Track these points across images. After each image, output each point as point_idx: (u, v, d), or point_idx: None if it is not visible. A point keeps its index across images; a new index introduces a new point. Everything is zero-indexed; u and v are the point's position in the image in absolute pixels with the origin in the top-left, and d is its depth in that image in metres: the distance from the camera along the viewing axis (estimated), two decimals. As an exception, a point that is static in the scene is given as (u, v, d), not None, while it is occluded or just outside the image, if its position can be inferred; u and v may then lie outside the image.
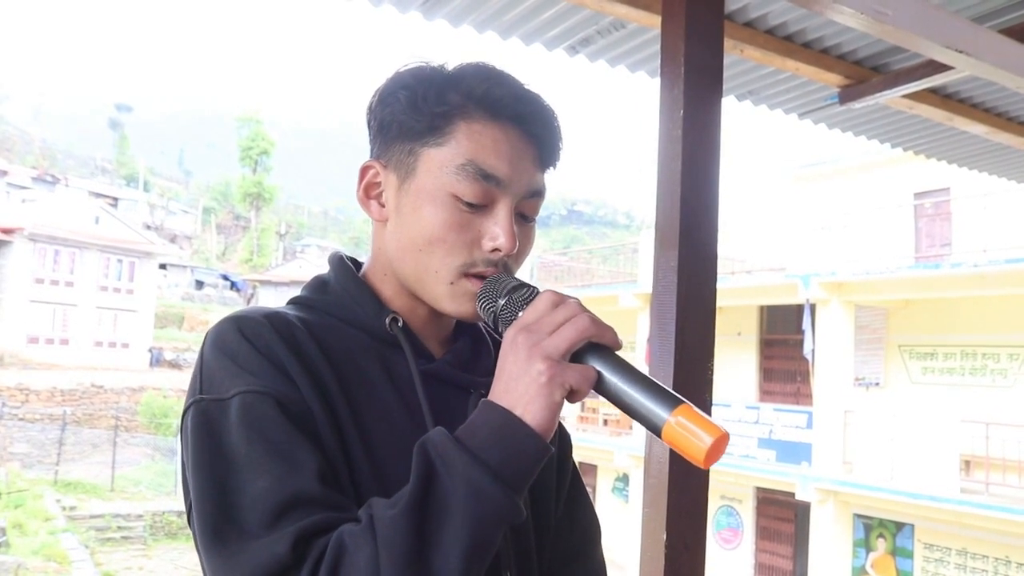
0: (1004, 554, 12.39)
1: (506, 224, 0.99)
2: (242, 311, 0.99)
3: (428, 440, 0.84)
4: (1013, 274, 11.79)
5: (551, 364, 0.84)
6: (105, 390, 30.87)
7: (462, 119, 0.99)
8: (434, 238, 0.99)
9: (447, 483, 0.80)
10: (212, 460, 0.87)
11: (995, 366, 13.34)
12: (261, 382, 0.90)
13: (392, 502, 0.80)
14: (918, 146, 4.59)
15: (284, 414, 0.88)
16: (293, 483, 0.83)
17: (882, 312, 14.74)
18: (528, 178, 1.01)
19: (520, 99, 1.01)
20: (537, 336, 0.85)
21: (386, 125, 1.03)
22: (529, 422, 0.83)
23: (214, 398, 0.90)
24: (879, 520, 14.02)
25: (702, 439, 0.80)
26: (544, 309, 0.88)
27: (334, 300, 1.06)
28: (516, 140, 1.00)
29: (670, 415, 0.81)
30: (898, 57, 3.43)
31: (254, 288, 50.87)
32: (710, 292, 2.25)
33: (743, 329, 16.49)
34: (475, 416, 0.86)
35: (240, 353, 0.92)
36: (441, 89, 0.99)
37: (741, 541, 16.38)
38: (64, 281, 35.90)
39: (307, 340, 0.97)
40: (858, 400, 14.21)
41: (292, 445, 0.87)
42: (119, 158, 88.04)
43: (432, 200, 0.99)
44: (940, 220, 15.36)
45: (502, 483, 0.80)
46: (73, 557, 18.16)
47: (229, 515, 0.83)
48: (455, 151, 0.98)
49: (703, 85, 2.28)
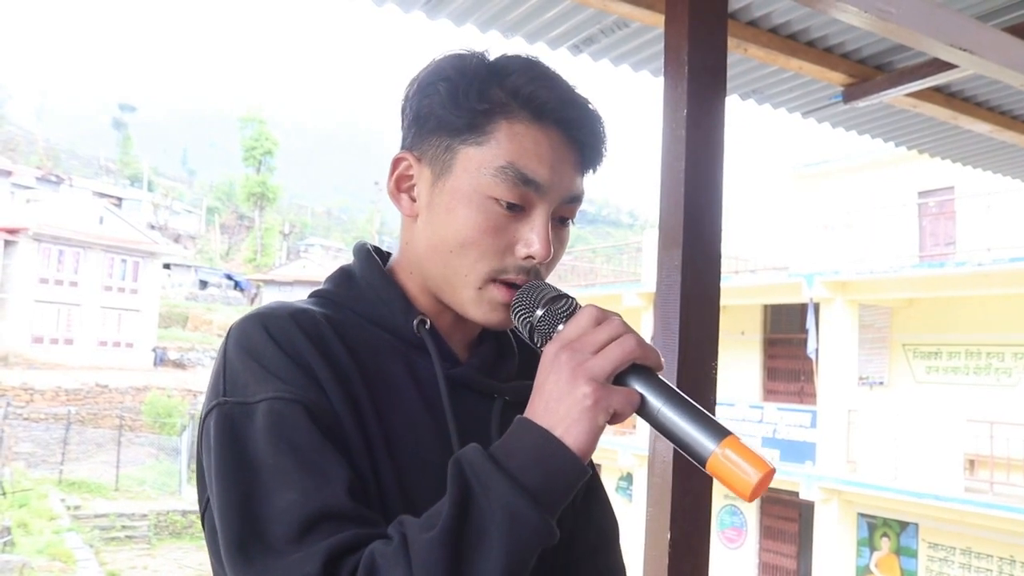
0: (1009, 553, 12.38)
1: (542, 231, 0.95)
2: (267, 308, 0.95)
3: (463, 457, 0.81)
4: (1017, 273, 11.77)
5: (596, 387, 0.81)
6: (109, 390, 30.91)
7: (504, 118, 0.94)
8: (467, 241, 0.95)
9: (484, 506, 0.77)
10: (237, 468, 0.84)
11: (999, 365, 13.31)
12: (289, 388, 0.87)
13: (426, 523, 0.77)
14: (922, 145, 4.59)
15: (313, 423, 0.85)
16: (322, 497, 0.81)
17: (886, 311, 14.73)
18: (568, 183, 0.98)
19: (566, 103, 0.97)
20: (581, 355, 0.82)
21: (422, 117, 0.99)
22: (570, 445, 0.80)
23: (239, 401, 0.87)
24: (883, 519, 14.01)
25: (749, 474, 0.78)
26: (587, 325, 0.85)
27: (360, 296, 1.03)
28: (559, 144, 0.96)
29: (717, 447, 0.79)
30: (902, 56, 3.43)
31: (258, 288, 50.94)
32: (714, 291, 2.24)
33: (747, 328, 16.48)
34: (512, 435, 0.83)
35: (267, 354, 0.89)
36: (484, 84, 0.95)
37: (745, 540, 16.36)
38: (68, 281, 35.95)
39: (334, 340, 0.93)
40: (862, 399, 14.20)
41: (321, 456, 0.84)
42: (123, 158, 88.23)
43: (468, 201, 0.95)
44: (944, 219, 15.35)
45: (540, 508, 0.78)
46: (78, 556, 18.20)
47: (255, 528, 0.81)
48: (495, 152, 0.94)
49: (706, 84, 2.28)
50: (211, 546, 0.94)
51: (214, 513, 0.85)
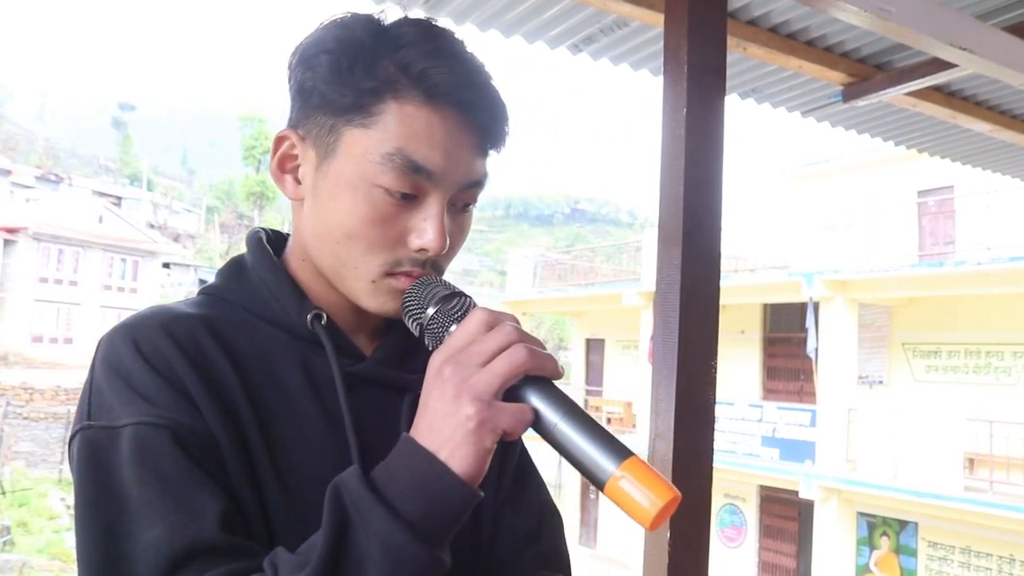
0: (1008, 552, 12.39)
1: (436, 221, 0.86)
2: (138, 317, 0.86)
3: (342, 484, 0.73)
4: (1017, 272, 11.77)
5: (481, 407, 0.73)
6: (109, 389, 30.92)
7: (393, 98, 0.84)
8: (353, 232, 0.86)
9: (363, 541, 0.70)
10: (100, 501, 0.76)
11: (999, 364, 13.32)
12: (157, 410, 0.78)
13: (301, 561, 0.70)
14: (921, 144, 4.59)
15: (182, 449, 0.77)
16: (190, 531, 0.73)
17: (886, 310, 14.73)
18: (466, 168, 0.88)
19: (463, 83, 0.86)
20: (466, 370, 0.74)
21: (305, 91, 0.88)
22: (456, 469, 0.72)
23: (104, 425, 0.78)
24: (883, 518, 14.02)
25: (649, 501, 0.69)
26: (476, 331, 0.77)
27: (250, 292, 0.93)
28: (454, 127, 0.86)
29: (616, 469, 0.71)
30: (901, 55, 3.43)
31: (257, 287, 50.87)
32: (713, 290, 2.24)
33: (746, 327, 16.48)
34: (395, 457, 0.75)
35: (133, 372, 0.80)
36: (371, 58, 0.85)
37: (745, 539, 16.37)
38: (68, 280, 35.99)
39: (213, 349, 0.84)
40: (862, 398, 14.21)
41: (190, 487, 0.76)
42: (122, 157, 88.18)
43: (352, 189, 0.85)
44: (944, 218, 15.35)
45: (423, 541, 0.71)
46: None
47: (117, 568, 0.73)
48: (382, 136, 0.84)
49: (706, 83, 2.28)
50: None
51: (76, 550, 0.78)
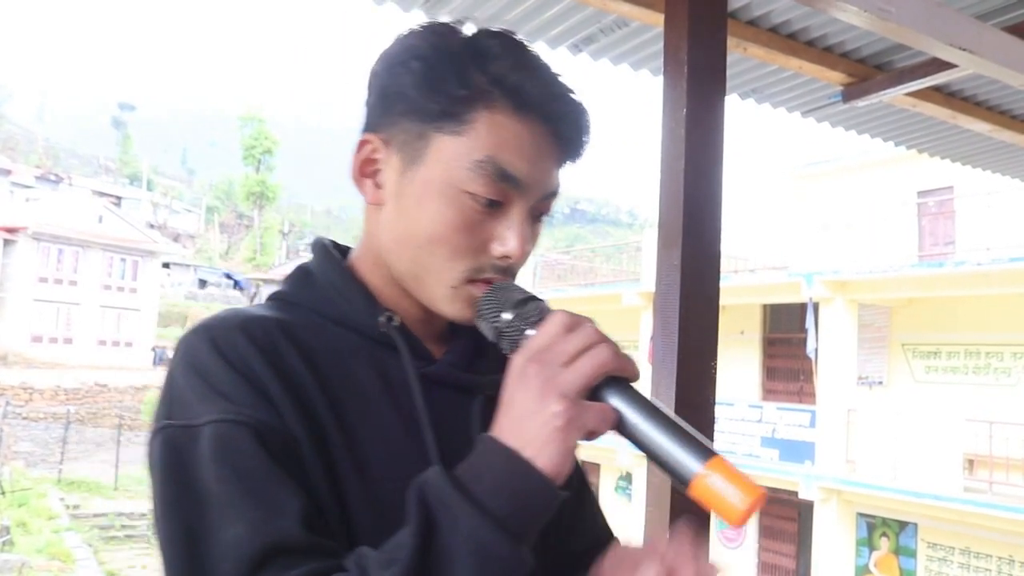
0: (1008, 553, 12.38)
1: (519, 229, 0.89)
2: (216, 319, 0.87)
3: (425, 483, 0.74)
4: (1017, 272, 11.77)
5: (568, 405, 0.73)
6: (109, 389, 30.93)
7: (485, 107, 0.87)
8: (438, 237, 0.88)
9: (449, 539, 0.70)
10: (180, 500, 0.77)
11: (999, 365, 13.31)
12: (236, 408, 0.79)
13: (386, 559, 0.70)
14: (921, 144, 4.59)
15: (263, 447, 0.77)
16: (272, 529, 0.73)
17: (885, 311, 14.73)
18: (547, 179, 0.91)
19: (552, 95, 0.89)
20: (551, 369, 0.75)
21: (391, 96, 0.90)
22: (541, 467, 0.73)
23: (183, 424, 0.79)
24: (882, 519, 14.01)
25: (737, 499, 0.71)
26: (557, 333, 0.77)
27: (320, 295, 0.95)
28: (540, 138, 0.89)
29: (702, 468, 0.73)
30: (901, 55, 3.43)
31: (257, 287, 50.89)
32: (713, 290, 2.24)
33: (746, 328, 16.47)
34: (479, 456, 0.76)
35: (213, 371, 0.81)
36: (464, 68, 0.87)
37: (744, 540, 16.36)
38: (68, 280, 36.00)
39: (289, 350, 0.85)
40: (861, 399, 14.20)
41: (271, 484, 0.76)
42: (122, 157, 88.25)
43: (440, 195, 0.87)
44: (943, 218, 15.35)
45: (509, 539, 0.71)
46: (77, 555, 18.18)
47: (200, 566, 0.74)
48: (473, 144, 0.86)
49: (706, 83, 2.28)
50: None
51: (159, 547, 0.79)
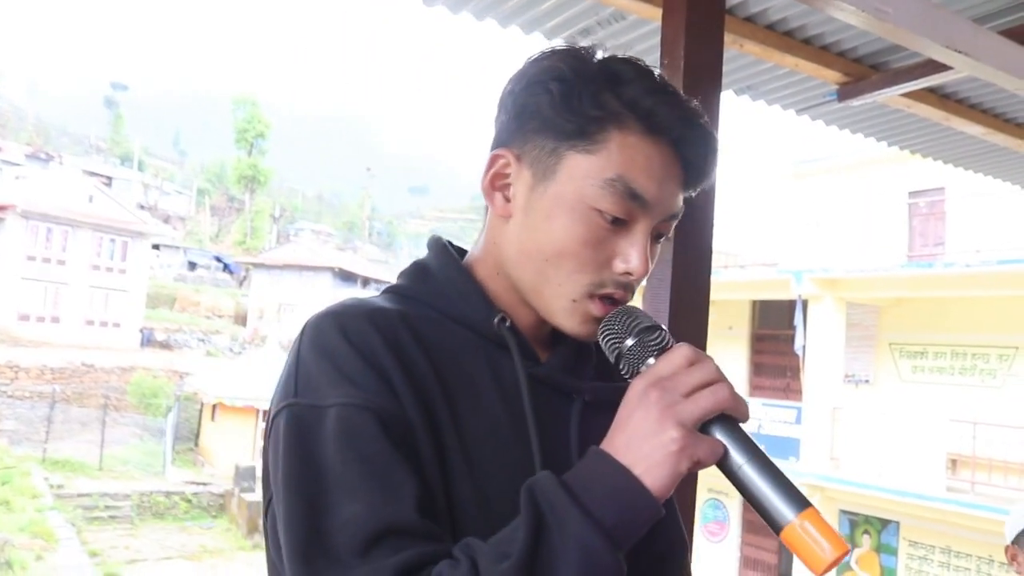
0: (988, 553, 12.47)
1: (642, 248, 0.93)
2: (343, 306, 0.92)
3: (536, 485, 0.78)
4: (1005, 275, 11.82)
5: (685, 433, 0.78)
6: (95, 369, 30.81)
7: (617, 128, 0.91)
8: (566, 251, 0.92)
9: (558, 540, 0.75)
10: (304, 475, 0.81)
11: (984, 366, 13.39)
12: (362, 393, 0.84)
13: (498, 554, 0.75)
14: (915, 145, 4.60)
15: (384, 432, 0.82)
16: (388, 511, 0.78)
17: (874, 310, 14.79)
18: (672, 201, 0.95)
19: (683, 120, 0.93)
20: (671, 396, 0.80)
21: (527, 114, 0.94)
22: (649, 486, 0.78)
23: (311, 404, 0.84)
24: (865, 516, 14.10)
25: (826, 551, 0.76)
26: (680, 365, 0.83)
27: (437, 291, 0.99)
28: (669, 161, 0.93)
29: (796, 517, 0.78)
30: (897, 56, 3.43)
31: (247, 271, 50.79)
32: (704, 285, 2.25)
33: (734, 323, 16.52)
34: (588, 467, 0.81)
35: (341, 357, 0.86)
36: (599, 90, 0.91)
37: (727, 534, 16.44)
38: (56, 259, 35.78)
39: (411, 342, 0.90)
40: (847, 397, 14.27)
41: (391, 468, 0.81)
42: (114, 137, 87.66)
43: (571, 210, 0.91)
44: (934, 219, 15.41)
45: (613, 547, 0.76)
46: (60, 535, 18.18)
47: (318, 539, 0.78)
48: (605, 162, 0.90)
49: (702, 78, 2.28)
50: (272, 544, 0.92)
51: (277, 518, 0.83)
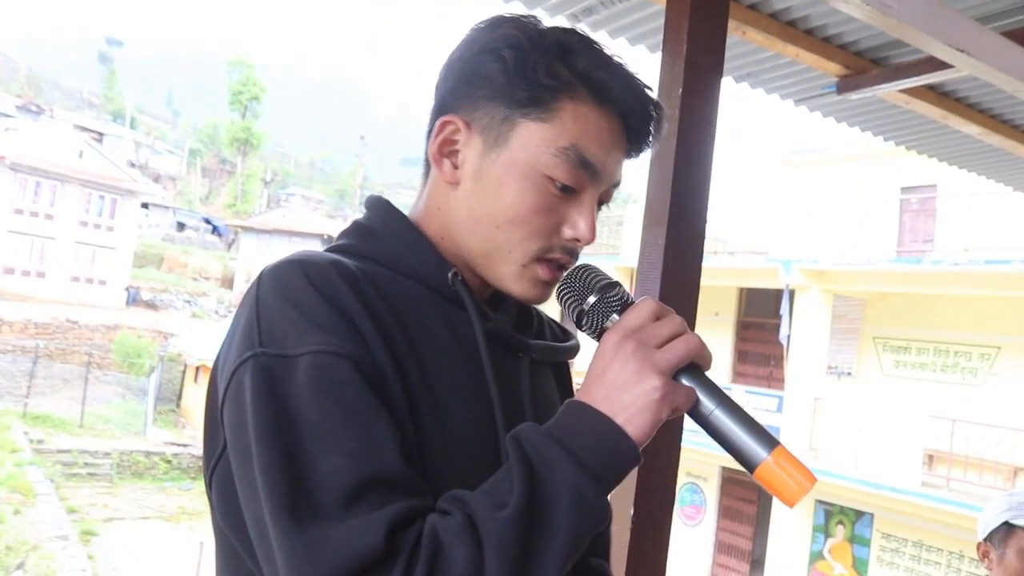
0: (959, 548, 12.62)
1: (590, 215, 0.96)
2: (303, 254, 0.89)
3: (523, 436, 0.80)
4: (992, 275, 11.90)
5: (665, 382, 0.81)
6: (79, 326, 30.70)
7: (570, 98, 0.92)
8: (518, 218, 0.93)
9: (551, 490, 0.76)
10: (279, 427, 0.77)
11: (966, 364, 13.49)
12: (336, 340, 0.81)
13: (493, 503, 0.76)
14: (910, 141, 4.60)
15: (362, 379, 0.80)
16: (372, 461, 0.76)
17: (860, 303, 14.86)
18: (617, 169, 0.98)
19: (633, 92, 0.96)
20: (647, 349, 0.83)
21: (478, 81, 0.94)
22: (631, 434, 0.81)
23: (278, 354, 0.80)
24: (840, 507, 14.23)
25: (797, 483, 0.81)
26: (648, 318, 0.86)
27: (386, 248, 0.97)
28: (617, 132, 0.96)
29: (768, 455, 0.82)
30: (899, 51, 3.42)
31: (236, 234, 50.57)
32: (695, 271, 2.25)
33: (721, 309, 16.57)
34: (571, 417, 0.82)
35: (309, 303, 0.82)
36: (551, 60, 0.92)
37: (703, 519, 16.58)
38: (44, 213, 35.52)
39: (372, 291, 0.87)
40: (829, 388, 14.36)
41: (371, 416, 0.79)
42: (107, 93, 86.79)
43: (523, 177, 0.93)
44: (924, 216, 15.44)
45: (603, 491, 0.79)
46: (38, 490, 18.19)
47: (301, 491, 0.75)
48: (559, 131, 0.92)
49: (704, 64, 2.27)
50: (220, 510, 0.89)
51: (256, 473, 0.78)
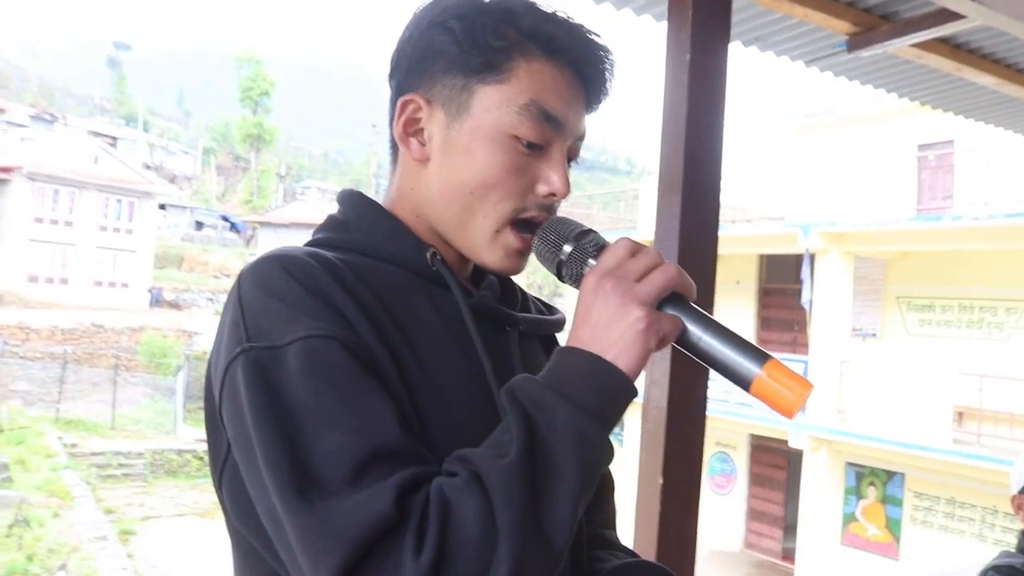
0: (992, 504, 12.56)
1: (561, 168, 0.97)
2: (280, 250, 0.90)
3: (516, 388, 0.81)
4: (1013, 228, 11.76)
5: (648, 311, 0.82)
6: (105, 329, 30.95)
7: (522, 56, 0.94)
8: (490, 181, 0.94)
9: (550, 432, 0.77)
10: (276, 416, 0.79)
11: (992, 319, 13.38)
12: (322, 325, 0.82)
13: (495, 454, 0.77)
14: (925, 97, 4.55)
15: (353, 358, 0.81)
16: (373, 436, 0.77)
17: (881, 263, 14.75)
18: (579, 121, 0.99)
19: (580, 41, 0.96)
20: (626, 283, 0.84)
21: (430, 56, 0.96)
22: (622, 368, 0.82)
23: (267, 346, 0.81)
24: (871, 468, 14.19)
25: (794, 392, 0.82)
26: (624, 256, 0.87)
27: (363, 238, 0.98)
28: (573, 82, 0.97)
29: (761, 370, 0.83)
30: (908, 5, 3.38)
31: (254, 229, 50.79)
32: (711, 239, 2.24)
33: (742, 277, 16.51)
34: (560, 362, 0.83)
35: (290, 294, 0.84)
36: (497, 24, 0.94)
37: (734, 487, 16.59)
38: (63, 221, 35.80)
39: (354, 280, 0.89)
40: (854, 350, 14.28)
41: (366, 394, 0.80)
42: (118, 97, 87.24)
43: (490, 140, 0.94)
44: (943, 172, 15.29)
45: (602, 427, 0.80)
46: (75, 493, 18.37)
47: (307, 472, 0.76)
48: (517, 90, 0.94)
49: (710, 29, 2.25)
50: (233, 510, 0.90)
51: (260, 463, 0.79)
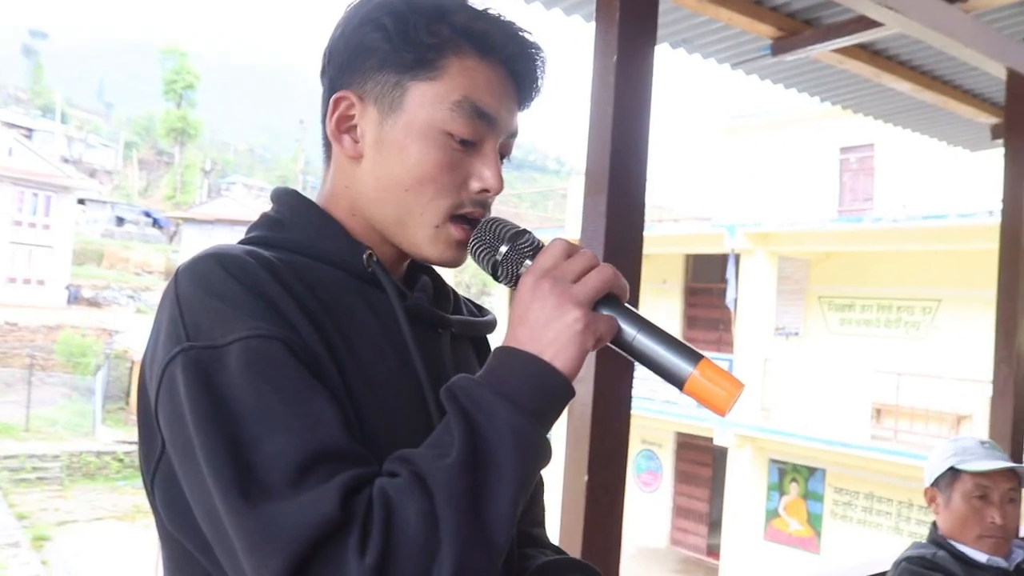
0: (908, 498, 12.96)
1: (494, 164, 0.97)
2: (217, 248, 0.89)
3: (456, 388, 0.81)
4: (930, 230, 12.15)
5: (585, 312, 0.83)
6: (19, 328, 29.98)
7: (454, 53, 0.95)
8: (424, 178, 0.95)
9: (490, 432, 0.77)
10: (218, 416, 0.77)
11: (909, 318, 13.79)
12: (263, 325, 0.81)
13: (436, 455, 0.77)
14: (845, 101, 4.66)
15: (295, 359, 0.80)
16: (316, 436, 0.77)
17: (804, 263, 15.09)
18: (511, 118, 1.00)
19: (512, 39, 0.98)
20: (563, 284, 0.84)
21: (363, 53, 0.96)
22: (560, 368, 0.82)
23: (207, 345, 0.80)
24: (793, 465, 14.51)
25: (726, 391, 0.84)
26: (560, 257, 0.87)
27: (299, 237, 0.97)
28: (505, 79, 0.98)
29: (694, 369, 0.84)
30: (830, 11, 3.46)
31: (177, 225, 49.72)
32: (637, 238, 2.26)
33: (668, 277, 16.73)
34: (499, 362, 0.84)
35: (230, 293, 0.82)
36: (429, 21, 0.95)
37: (660, 484, 16.80)
38: (-25, 214, 34.58)
39: (291, 277, 0.88)
40: (778, 349, 14.60)
41: (308, 394, 0.79)
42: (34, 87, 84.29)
43: (423, 137, 0.95)
44: (864, 175, 15.72)
45: (541, 427, 0.80)
46: (-14, 497, 17.79)
47: (250, 474, 0.75)
48: (449, 86, 0.94)
49: (637, 31, 2.27)
50: (167, 514, 0.88)
51: (201, 465, 0.78)
